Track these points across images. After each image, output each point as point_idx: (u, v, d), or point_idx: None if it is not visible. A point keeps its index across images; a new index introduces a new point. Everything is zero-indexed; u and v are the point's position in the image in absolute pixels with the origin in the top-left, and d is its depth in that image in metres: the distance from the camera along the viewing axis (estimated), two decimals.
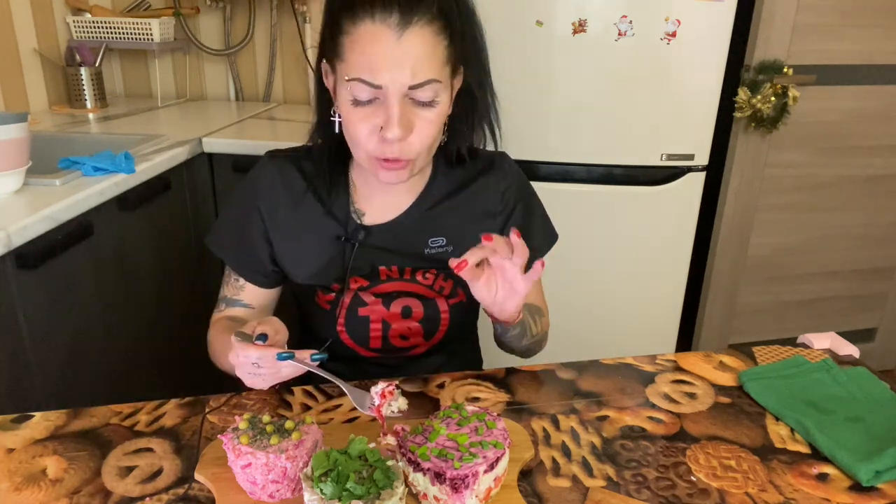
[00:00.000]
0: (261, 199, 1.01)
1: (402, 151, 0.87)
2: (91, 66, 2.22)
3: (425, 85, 0.84)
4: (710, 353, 1.04)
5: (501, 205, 1.04)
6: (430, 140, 0.89)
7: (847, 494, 0.75)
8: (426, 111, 0.86)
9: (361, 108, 0.86)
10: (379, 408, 0.78)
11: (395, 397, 0.78)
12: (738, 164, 2.17)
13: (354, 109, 0.86)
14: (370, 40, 0.82)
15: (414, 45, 0.82)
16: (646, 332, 2.07)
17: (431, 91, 0.85)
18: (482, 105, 0.98)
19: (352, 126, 0.88)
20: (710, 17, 1.75)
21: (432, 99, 0.86)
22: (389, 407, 0.78)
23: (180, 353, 1.80)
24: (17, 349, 1.27)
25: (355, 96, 0.85)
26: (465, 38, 0.90)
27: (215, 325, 1.04)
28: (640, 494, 0.74)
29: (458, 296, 1.04)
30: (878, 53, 2.12)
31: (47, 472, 0.76)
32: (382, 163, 0.89)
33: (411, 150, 0.88)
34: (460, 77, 0.93)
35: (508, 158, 1.07)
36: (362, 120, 0.86)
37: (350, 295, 1.02)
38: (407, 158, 0.88)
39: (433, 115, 0.87)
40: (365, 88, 0.84)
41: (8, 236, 1.19)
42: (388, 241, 1.01)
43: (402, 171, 0.90)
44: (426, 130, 0.87)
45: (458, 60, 0.90)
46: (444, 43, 0.85)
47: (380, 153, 0.88)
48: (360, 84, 0.83)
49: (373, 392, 0.78)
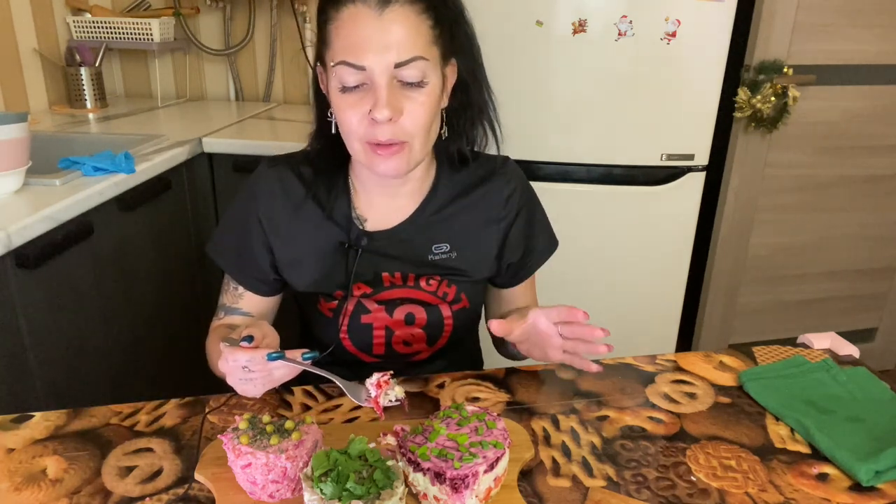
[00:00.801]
0: (260, 206, 1.00)
1: (394, 133, 0.86)
2: (91, 66, 2.22)
3: (410, 62, 0.84)
4: (710, 353, 1.04)
5: (505, 210, 1.03)
6: (423, 121, 0.87)
7: (847, 494, 0.75)
8: (415, 92, 0.86)
9: (350, 94, 0.86)
10: (376, 398, 0.77)
11: (392, 386, 0.78)
12: (738, 164, 2.17)
13: (343, 96, 0.86)
14: (352, 22, 0.83)
15: (396, 23, 0.83)
16: (646, 332, 2.07)
17: (418, 70, 0.85)
18: (478, 98, 0.98)
19: (342, 114, 0.88)
20: (710, 17, 1.75)
21: (420, 79, 0.85)
22: (387, 396, 0.78)
23: (180, 353, 1.80)
24: (17, 349, 1.27)
25: (343, 82, 0.85)
26: (453, 28, 0.90)
27: (213, 332, 1.03)
28: (640, 494, 0.74)
29: (461, 301, 1.04)
30: (878, 53, 2.12)
31: (47, 472, 0.76)
32: (376, 149, 0.88)
33: (403, 133, 0.87)
34: (454, 69, 0.93)
35: (511, 162, 1.07)
36: (351, 106, 0.86)
37: (353, 302, 1.01)
38: (400, 140, 0.87)
39: (423, 96, 0.86)
40: (351, 72, 0.84)
41: (8, 236, 1.19)
42: (390, 248, 1.00)
43: (399, 160, 0.89)
44: (417, 112, 0.86)
45: (449, 49, 0.90)
46: (428, 23, 0.85)
47: (371, 137, 0.87)
48: (346, 67, 0.84)
49: (368, 384, 0.78)
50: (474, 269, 1.03)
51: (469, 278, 1.03)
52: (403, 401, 0.79)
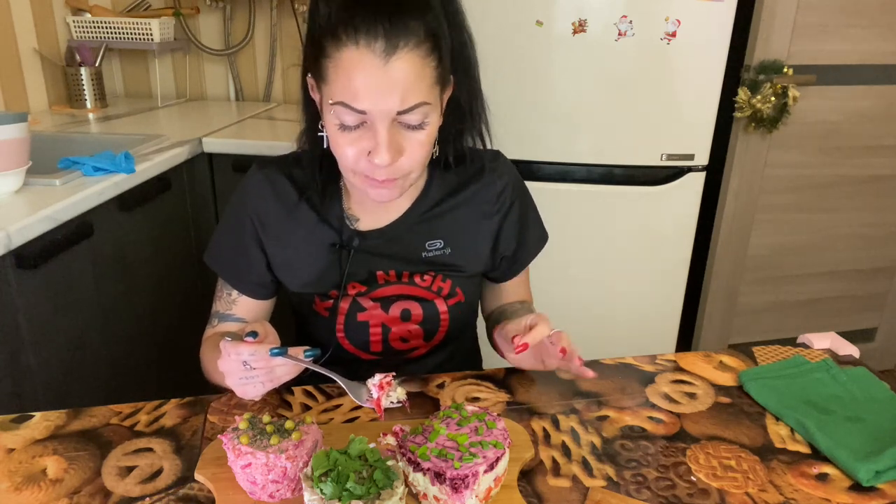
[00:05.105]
0: (252, 210, 1.00)
1: (392, 172, 0.86)
2: (91, 66, 2.22)
3: (414, 109, 0.81)
4: (710, 353, 1.04)
5: (497, 205, 1.04)
6: (422, 160, 0.87)
7: (847, 494, 0.75)
8: (416, 133, 0.84)
9: (349, 132, 0.83)
10: (378, 400, 0.77)
11: (394, 387, 0.78)
12: (738, 164, 2.17)
13: (342, 134, 0.84)
14: (355, 67, 0.79)
15: (401, 72, 0.79)
16: (646, 332, 2.07)
17: (420, 114, 0.83)
18: (472, 113, 0.97)
19: (339, 149, 0.86)
20: (710, 17, 1.75)
21: (421, 122, 0.84)
22: (388, 398, 0.78)
23: (180, 353, 1.80)
24: (17, 349, 1.27)
25: (342, 121, 0.83)
26: (453, 49, 0.88)
27: (207, 341, 1.02)
28: (640, 494, 0.74)
29: (456, 295, 1.04)
30: (878, 53, 2.12)
31: (47, 472, 0.76)
32: (373, 182, 0.87)
33: (401, 171, 0.86)
34: (450, 87, 0.92)
35: (503, 157, 1.07)
36: (350, 144, 0.84)
37: (348, 301, 1.01)
38: (397, 177, 0.87)
39: (423, 136, 0.85)
40: (350, 114, 0.81)
41: (8, 236, 1.19)
42: (384, 247, 1.00)
43: (394, 190, 0.89)
44: (416, 152, 0.85)
45: (448, 73, 0.88)
46: (432, 64, 0.82)
47: (370, 173, 0.86)
48: (345, 109, 0.81)
49: (370, 384, 0.78)
50: (468, 264, 1.03)
51: (463, 273, 1.03)
52: (405, 402, 0.79)
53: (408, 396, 0.83)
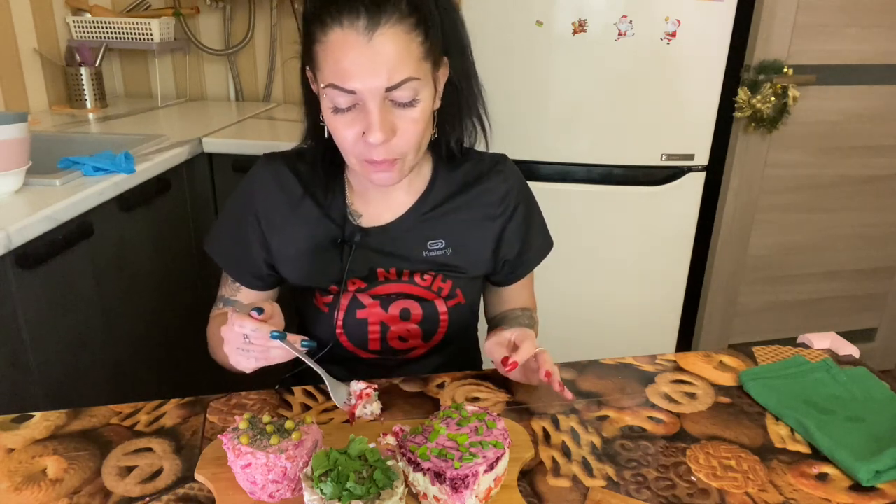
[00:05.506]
0: (257, 202, 1.01)
1: (388, 152, 0.87)
2: (91, 66, 2.22)
3: (402, 85, 0.83)
4: (710, 353, 1.04)
5: (501, 208, 1.04)
6: (417, 138, 0.88)
7: (847, 494, 0.75)
8: (408, 111, 0.86)
9: (342, 114, 0.86)
10: (354, 407, 0.78)
11: (371, 400, 0.79)
12: (738, 164, 2.17)
13: (336, 117, 0.86)
14: (340, 47, 0.81)
15: (386, 47, 0.81)
16: (646, 332, 2.07)
17: (410, 90, 0.84)
18: (468, 93, 0.97)
19: (336, 133, 0.88)
20: (710, 17, 1.75)
21: (412, 98, 0.85)
22: (363, 409, 0.78)
23: (180, 353, 1.80)
24: (17, 349, 1.27)
25: (335, 104, 0.85)
26: (444, 28, 0.89)
27: (214, 320, 1.05)
28: (640, 494, 0.74)
29: (456, 297, 1.04)
30: (878, 53, 2.12)
31: (47, 472, 0.76)
32: (372, 165, 0.89)
33: (398, 150, 0.88)
34: (445, 69, 0.92)
35: (509, 161, 1.07)
36: (345, 126, 0.86)
37: (348, 297, 1.01)
38: (394, 158, 0.88)
39: (416, 113, 0.86)
40: (341, 95, 0.83)
41: (8, 236, 1.19)
42: (385, 244, 1.01)
43: (393, 172, 0.90)
44: (411, 130, 0.87)
45: (439, 52, 0.89)
46: (418, 39, 0.84)
47: (367, 156, 0.88)
48: (336, 91, 0.83)
49: (351, 389, 0.79)
50: (470, 266, 1.03)
51: (464, 274, 1.03)
52: (379, 417, 0.80)
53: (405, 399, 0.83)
